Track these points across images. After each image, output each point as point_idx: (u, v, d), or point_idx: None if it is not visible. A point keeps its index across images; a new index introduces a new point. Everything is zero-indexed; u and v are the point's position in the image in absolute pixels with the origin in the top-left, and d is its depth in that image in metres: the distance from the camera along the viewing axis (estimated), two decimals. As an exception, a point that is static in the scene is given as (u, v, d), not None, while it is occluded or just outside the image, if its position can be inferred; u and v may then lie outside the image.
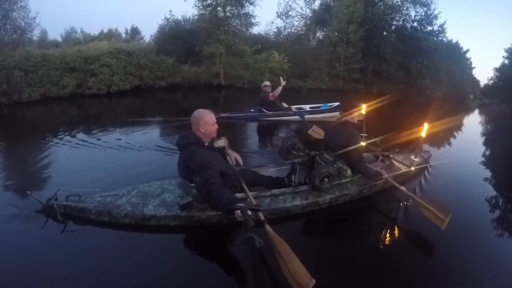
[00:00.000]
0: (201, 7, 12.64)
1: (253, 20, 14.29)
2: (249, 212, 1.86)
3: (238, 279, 1.90)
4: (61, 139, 5.05)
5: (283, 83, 6.32)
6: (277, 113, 6.30)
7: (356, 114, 2.92)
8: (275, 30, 16.31)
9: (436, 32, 13.39)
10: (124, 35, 26.70)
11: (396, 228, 2.50)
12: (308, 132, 4.36)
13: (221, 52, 12.52)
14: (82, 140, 5.01)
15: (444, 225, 2.14)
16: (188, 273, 1.99)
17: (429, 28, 13.23)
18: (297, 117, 6.09)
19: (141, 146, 4.59)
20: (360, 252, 2.22)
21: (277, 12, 15.64)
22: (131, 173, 3.36)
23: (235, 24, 13.39)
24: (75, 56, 10.10)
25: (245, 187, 2.45)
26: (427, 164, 3.66)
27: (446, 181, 3.46)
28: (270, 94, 6.17)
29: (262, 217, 1.99)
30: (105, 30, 26.34)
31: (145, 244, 2.25)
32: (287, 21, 15.67)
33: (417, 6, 13.38)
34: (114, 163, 3.90)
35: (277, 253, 1.68)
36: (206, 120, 2.36)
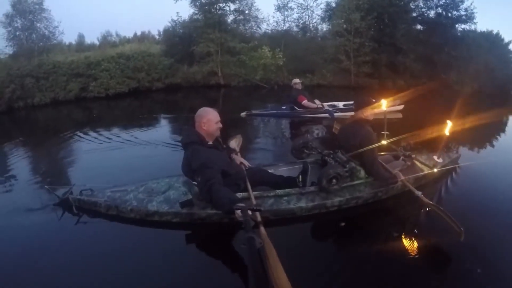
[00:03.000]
0: (197, 6, 12.40)
1: (258, 15, 13.83)
2: (250, 212, 1.83)
3: (238, 278, 1.87)
4: (75, 137, 5.52)
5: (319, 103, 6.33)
6: (308, 111, 6.22)
7: (372, 111, 2.57)
8: (275, 24, 15.02)
9: (464, 18, 11.13)
10: (157, 37, 27.45)
11: (412, 237, 2.24)
12: (333, 130, 4.08)
13: (216, 50, 12.22)
14: (96, 138, 5.36)
15: (462, 237, 1.92)
16: (187, 270, 2.00)
17: (455, 13, 11.07)
18: (327, 114, 5.98)
19: (155, 143, 4.75)
20: (369, 260, 2.03)
21: (275, 5, 14.38)
22: (143, 170, 3.53)
23: (229, 21, 13.07)
24: (80, 62, 10.92)
25: (249, 187, 2.36)
26: (455, 166, 3.25)
27: (477, 186, 3.07)
28: (303, 103, 6.16)
29: (259, 218, 1.93)
30: (139, 33, 27.15)
31: (148, 238, 2.32)
32: (286, 13, 14.41)
33: None
34: (128, 160, 4.08)
35: (265, 256, 1.64)
36: (209, 118, 2.33)
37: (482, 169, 3.37)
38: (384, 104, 3.54)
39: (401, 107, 6.30)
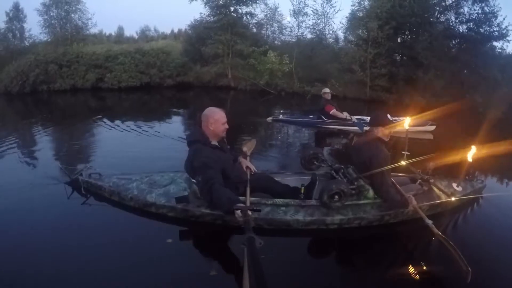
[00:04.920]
0: (211, 7, 12.76)
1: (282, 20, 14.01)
2: (250, 213, 1.85)
3: (227, 279, 1.88)
4: (90, 123, 5.82)
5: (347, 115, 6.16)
6: (335, 122, 6.10)
7: (387, 130, 2.40)
8: (289, 30, 14.64)
9: (496, 34, 9.93)
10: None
11: (415, 268, 2.06)
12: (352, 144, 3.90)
13: (227, 52, 12.52)
14: (114, 125, 5.71)
15: (468, 279, 1.73)
16: (176, 265, 2.01)
17: (488, 29, 9.99)
18: (356, 127, 5.71)
19: (169, 137, 4.88)
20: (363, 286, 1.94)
21: (290, 10, 13.91)
22: (153, 162, 3.67)
23: (242, 24, 13.26)
24: (101, 54, 11.86)
25: (247, 191, 2.34)
26: (477, 196, 2.97)
27: (499, 221, 2.72)
28: (331, 112, 6.04)
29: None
30: (176, 30, 28.10)
31: (144, 228, 2.39)
32: (301, 19, 13.87)
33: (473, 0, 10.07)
34: (142, 150, 4.27)
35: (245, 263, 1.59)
36: (216, 118, 2.34)
37: (508, 202, 3.04)
38: (407, 123, 3.31)
39: (433, 127, 5.86)
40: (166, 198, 2.40)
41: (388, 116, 2.64)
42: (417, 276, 1.99)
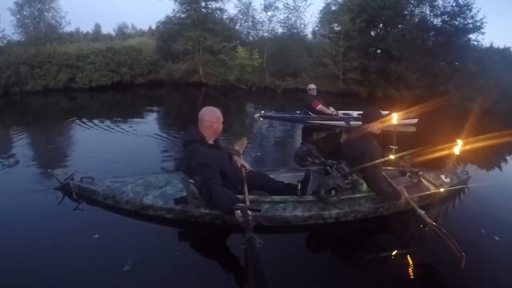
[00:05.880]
0: (180, 3, 12.77)
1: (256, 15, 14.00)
2: (250, 213, 1.85)
3: (226, 279, 1.88)
4: (69, 124, 5.56)
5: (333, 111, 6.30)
6: (322, 117, 6.23)
7: (380, 125, 2.48)
8: (260, 25, 14.54)
9: (471, 27, 10.22)
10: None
11: (410, 257, 2.16)
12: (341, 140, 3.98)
13: (197, 49, 12.60)
14: (90, 126, 5.59)
15: (462, 263, 1.84)
16: (175, 266, 1.99)
17: (462, 21, 10.30)
18: (343, 122, 5.90)
19: (149, 134, 4.88)
20: (362, 277, 1.99)
21: (261, 4, 14.51)
22: (148, 163, 3.53)
23: (213, 19, 13.38)
24: (73, 54, 11.65)
25: (245, 189, 2.33)
26: (463, 186, 3.14)
27: (485, 209, 2.91)
28: (318, 108, 6.16)
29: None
30: (153, 26, 27.59)
31: (141, 231, 2.34)
32: (271, 13, 13.87)
33: None
34: (124, 150, 4.29)
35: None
36: (218, 116, 2.35)
37: (491, 192, 3.25)
38: (395, 118, 3.42)
39: (416, 120, 6.14)
40: (164, 200, 2.37)
41: (380, 111, 2.73)
42: (414, 264, 2.08)
